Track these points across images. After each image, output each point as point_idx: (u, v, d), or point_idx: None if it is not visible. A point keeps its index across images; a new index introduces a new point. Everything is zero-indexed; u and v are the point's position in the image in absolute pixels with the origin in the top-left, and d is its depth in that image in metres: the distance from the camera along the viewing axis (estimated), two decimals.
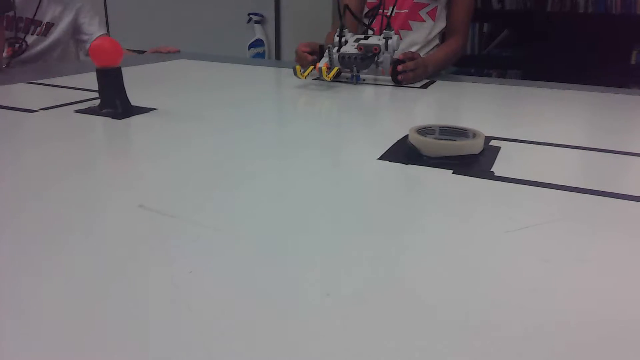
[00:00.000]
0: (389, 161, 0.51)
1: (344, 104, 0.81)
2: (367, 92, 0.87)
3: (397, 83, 0.94)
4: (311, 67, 0.91)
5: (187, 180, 0.46)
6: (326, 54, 0.92)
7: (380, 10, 1.05)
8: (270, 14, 2.17)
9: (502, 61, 3.05)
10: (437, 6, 1.13)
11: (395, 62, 0.94)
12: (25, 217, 0.37)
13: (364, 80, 0.97)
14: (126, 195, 0.41)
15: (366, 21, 0.95)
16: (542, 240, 0.35)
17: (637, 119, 0.75)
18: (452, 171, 0.48)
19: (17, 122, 0.64)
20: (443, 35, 1.23)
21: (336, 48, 0.93)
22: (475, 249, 0.34)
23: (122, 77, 0.67)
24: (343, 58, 0.92)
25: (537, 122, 0.70)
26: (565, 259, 0.32)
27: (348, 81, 0.95)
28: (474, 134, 0.53)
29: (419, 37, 1.15)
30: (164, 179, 0.46)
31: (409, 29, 1.14)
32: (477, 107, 0.80)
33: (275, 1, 2.15)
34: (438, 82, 0.99)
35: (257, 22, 2.16)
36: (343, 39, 0.95)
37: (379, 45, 0.90)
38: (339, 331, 0.25)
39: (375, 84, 0.95)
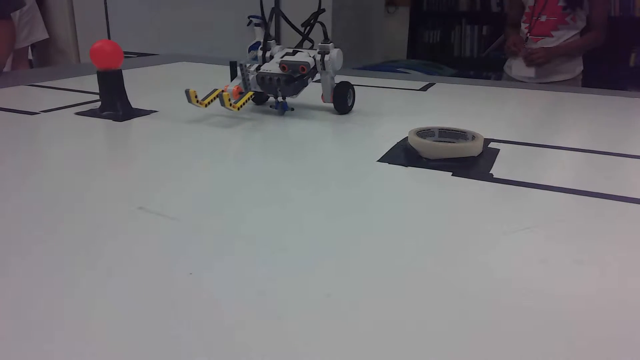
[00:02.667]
0: (389, 163, 0.51)
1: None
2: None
3: (341, 112, 0.71)
4: (215, 93, 0.66)
5: (187, 182, 0.46)
6: (239, 73, 0.68)
7: (534, 17, 1.56)
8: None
9: (501, 63, 3.06)
10: (576, 14, 1.55)
11: (340, 86, 0.70)
12: (26, 218, 0.37)
13: (292, 109, 0.71)
14: (126, 197, 0.42)
15: (304, 30, 0.72)
16: (541, 241, 0.35)
17: (636, 121, 0.75)
18: (451, 173, 0.48)
19: (18, 124, 0.64)
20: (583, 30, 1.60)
21: (255, 66, 0.70)
22: (474, 250, 0.34)
23: (122, 79, 0.68)
24: (263, 79, 0.67)
25: (536, 125, 0.71)
26: (564, 261, 0.33)
27: (273, 109, 0.71)
28: (473, 136, 0.53)
29: (562, 36, 1.57)
30: (165, 181, 0.46)
31: (557, 30, 1.56)
32: (476, 109, 0.81)
33: (275, 3, 2.16)
34: (437, 85, 0.99)
35: (257, 24, 2.16)
36: (268, 53, 0.71)
37: (307, 64, 0.66)
38: (339, 331, 0.25)
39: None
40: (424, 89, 0.95)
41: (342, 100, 0.71)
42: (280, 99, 0.69)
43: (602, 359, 0.24)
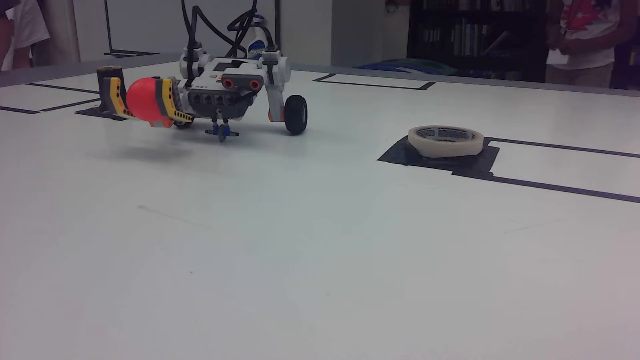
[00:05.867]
0: (388, 162, 0.51)
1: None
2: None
3: (295, 132, 0.60)
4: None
5: (187, 180, 0.46)
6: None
7: (572, 14, 1.82)
8: (270, 16, 2.17)
9: (501, 62, 3.06)
10: (606, 11, 1.79)
11: (292, 101, 0.59)
12: (25, 217, 0.37)
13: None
14: (126, 196, 0.42)
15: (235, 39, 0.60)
16: (541, 240, 0.35)
17: (636, 120, 0.75)
18: (451, 172, 0.48)
19: (18, 123, 0.64)
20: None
21: (184, 81, 0.55)
22: (474, 249, 0.34)
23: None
24: (198, 98, 0.52)
25: (536, 123, 0.71)
26: (564, 260, 0.33)
27: (210, 135, 0.57)
28: (473, 135, 0.53)
29: (594, 29, 1.82)
30: (164, 179, 0.46)
31: (590, 24, 1.82)
32: (476, 108, 0.81)
33: (275, 2, 2.16)
34: (437, 84, 0.99)
35: (257, 23, 2.16)
36: (195, 65, 0.57)
37: (260, 78, 0.52)
38: (339, 330, 0.25)
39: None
40: (424, 87, 0.95)
41: (296, 119, 0.59)
42: (220, 121, 0.55)
43: (602, 358, 0.24)
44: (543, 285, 0.30)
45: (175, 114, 0.48)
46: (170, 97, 0.47)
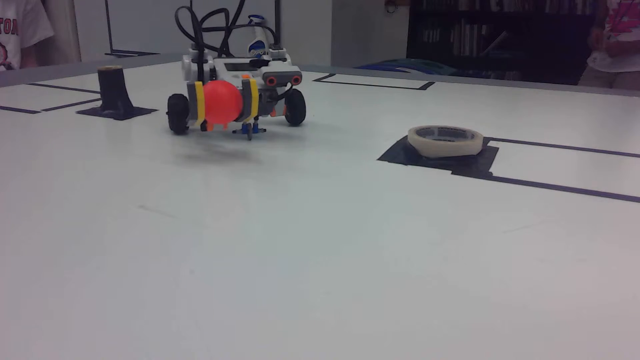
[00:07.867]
0: (388, 162, 0.51)
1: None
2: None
3: (297, 124, 0.65)
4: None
5: (188, 180, 0.46)
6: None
7: (617, 18, 1.83)
8: (270, 16, 2.17)
9: (500, 62, 3.07)
10: None
11: (293, 95, 0.62)
12: (26, 217, 0.38)
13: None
14: (127, 195, 0.42)
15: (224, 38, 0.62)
16: (541, 240, 0.36)
17: (635, 120, 0.75)
18: (450, 172, 0.48)
19: (19, 123, 0.64)
20: None
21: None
22: (474, 248, 0.34)
23: (123, 78, 0.68)
24: None
25: (536, 123, 0.71)
26: (563, 259, 0.33)
27: (237, 134, 0.59)
28: (473, 135, 0.54)
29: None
30: (165, 179, 0.46)
31: (637, 27, 1.82)
32: (476, 108, 0.81)
33: (275, 3, 2.16)
34: (437, 84, 1.00)
35: (258, 24, 2.16)
36: (207, 67, 0.57)
37: (300, 73, 0.53)
38: (339, 329, 0.26)
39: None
40: (424, 88, 0.95)
41: (299, 112, 0.63)
42: (251, 120, 0.55)
43: (602, 357, 0.24)
44: (542, 284, 0.30)
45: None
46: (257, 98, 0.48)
